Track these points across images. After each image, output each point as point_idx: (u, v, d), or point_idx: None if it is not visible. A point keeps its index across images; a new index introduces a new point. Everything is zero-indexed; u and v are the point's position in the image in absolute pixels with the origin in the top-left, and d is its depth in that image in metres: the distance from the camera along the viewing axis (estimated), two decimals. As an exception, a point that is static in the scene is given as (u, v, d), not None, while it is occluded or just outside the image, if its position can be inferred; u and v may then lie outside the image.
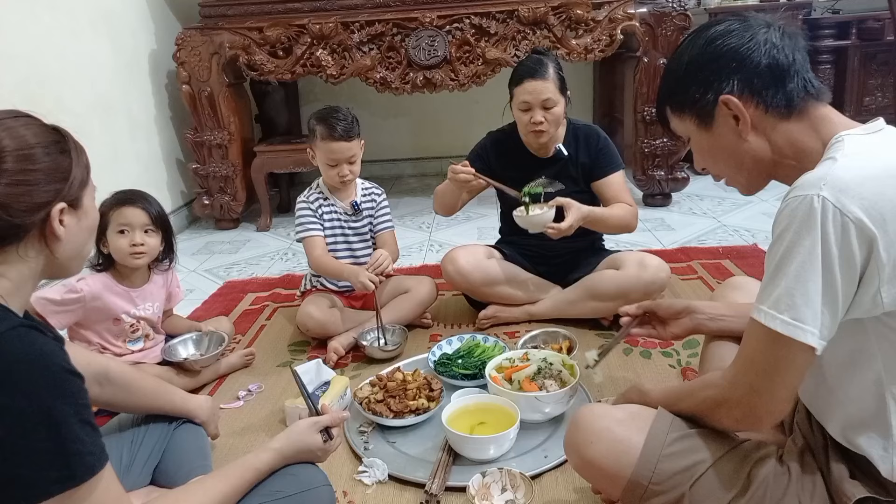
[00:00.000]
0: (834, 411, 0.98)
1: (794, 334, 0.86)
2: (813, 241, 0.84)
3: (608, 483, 1.09)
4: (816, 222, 0.84)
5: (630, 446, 1.04)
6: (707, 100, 1.00)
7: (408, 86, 3.45)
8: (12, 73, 2.49)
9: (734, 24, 1.00)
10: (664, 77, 1.09)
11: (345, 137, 2.08)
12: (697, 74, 1.01)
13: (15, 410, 0.75)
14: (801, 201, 0.86)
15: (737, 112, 0.98)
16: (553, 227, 1.95)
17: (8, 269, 0.86)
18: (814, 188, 0.85)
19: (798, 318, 0.86)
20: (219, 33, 3.42)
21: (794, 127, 0.97)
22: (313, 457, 1.16)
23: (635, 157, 3.54)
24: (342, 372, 1.99)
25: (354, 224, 2.25)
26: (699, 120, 1.03)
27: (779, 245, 0.88)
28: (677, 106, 1.06)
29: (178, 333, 2.03)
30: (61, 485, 0.78)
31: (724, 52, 0.98)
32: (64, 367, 0.80)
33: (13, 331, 0.79)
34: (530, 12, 3.29)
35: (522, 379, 1.67)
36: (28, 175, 0.84)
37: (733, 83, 0.98)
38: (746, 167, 1.03)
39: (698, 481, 1.01)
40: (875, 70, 3.82)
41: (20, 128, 0.86)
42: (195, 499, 0.97)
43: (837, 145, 0.91)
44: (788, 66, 0.96)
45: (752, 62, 0.97)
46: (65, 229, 0.89)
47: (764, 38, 0.97)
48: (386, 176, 4.63)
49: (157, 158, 3.65)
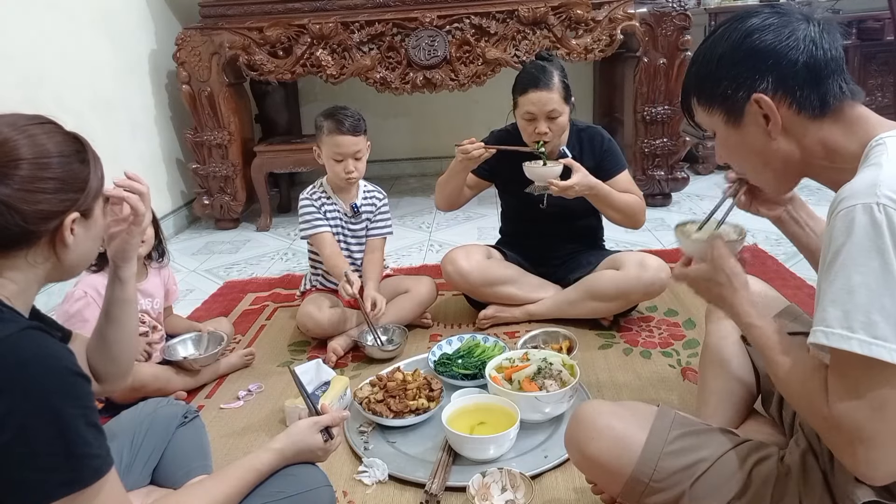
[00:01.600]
0: None
1: (878, 354, 0.78)
2: (881, 251, 0.78)
3: (609, 479, 1.08)
4: (883, 231, 0.78)
5: (631, 443, 1.04)
6: (738, 97, 0.95)
7: (408, 86, 3.45)
8: (12, 73, 2.49)
9: (772, 17, 0.94)
10: (693, 66, 1.03)
11: (352, 132, 2.10)
12: (731, 70, 0.95)
13: (23, 413, 0.75)
14: (859, 210, 0.80)
15: (768, 112, 0.94)
16: (557, 183, 1.95)
17: (15, 274, 0.87)
18: (869, 196, 0.79)
19: (877, 335, 0.78)
20: (219, 33, 3.42)
21: (828, 127, 0.93)
22: (314, 457, 1.16)
23: (635, 157, 3.54)
24: (342, 372, 1.99)
25: (353, 226, 2.25)
26: (727, 116, 0.98)
27: (842, 260, 0.81)
28: (705, 99, 1.01)
29: (178, 333, 2.03)
30: (67, 488, 0.77)
31: (762, 48, 0.93)
32: (71, 370, 0.80)
33: (22, 333, 0.79)
34: (530, 12, 3.29)
35: (522, 379, 1.67)
36: (44, 183, 0.85)
37: (767, 82, 0.93)
38: (773, 167, 0.99)
39: (699, 480, 1.00)
40: (875, 70, 3.82)
41: (42, 136, 0.87)
42: (197, 501, 0.97)
43: (879, 148, 0.87)
44: (826, 65, 0.91)
45: (789, 61, 0.91)
46: (74, 238, 0.90)
47: (803, 35, 0.91)
48: (386, 176, 4.62)
49: (157, 158, 3.65)
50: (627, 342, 2.08)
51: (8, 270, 0.87)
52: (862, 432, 0.81)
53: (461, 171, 2.13)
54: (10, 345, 0.77)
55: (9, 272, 0.87)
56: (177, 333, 2.03)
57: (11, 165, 0.84)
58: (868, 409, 0.80)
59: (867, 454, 0.81)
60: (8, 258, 0.86)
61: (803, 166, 0.97)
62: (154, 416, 1.34)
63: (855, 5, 3.94)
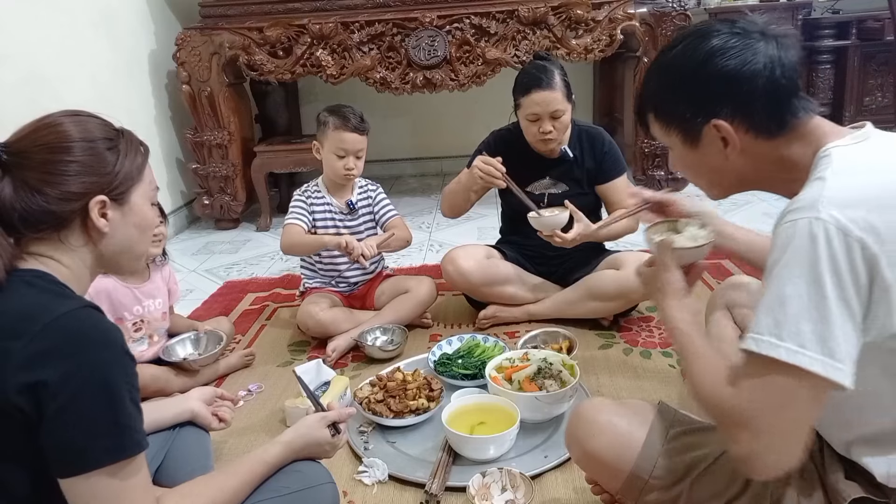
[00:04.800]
0: (839, 432, 0.96)
1: (800, 362, 0.80)
2: (813, 264, 0.80)
3: (608, 476, 1.09)
4: (818, 245, 0.80)
5: (631, 440, 1.04)
6: (697, 121, 0.95)
7: (408, 86, 3.45)
8: (12, 73, 2.49)
9: (733, 38, 0.92)
10: (651, 82, 1.02)
11: (358, 130, 2.13)
12: (690, 93, 0.95)
13: (80, 380, 0.80)
14: (799, 225, 0.82)
15: (727, 136, 0.94)
16: (560, 235, 1.96)
17: (63, 257, 0.91)
18: (811, 211, 0.81)
19: (803, 344, 0.80)
20: (219, 33, 3.42)
21: (785, 144, 0.94)
22: (321, 451, 1.17)
23: (635, 157, 3.54)
24: (342, 372, 1.99)
25: (350, 223, 2.26)
26: (685, 136, 0.98)
27: (777, 271, 0.83)
28: (663, 118, 1.01)
29: (178, 332, 2.03)
30: (113, 455, 0.81)
31: (723, 73, 0.91)
32: (124, 348, 0.85)
33: (83, 309, 0.85)
34: (530, 12, 3.29)
35: (522, 379, 1.67)
36: (65, 166, 0.90)
37: (727, 108, 0.93)
38: (727, 182, 1.01)
39: (698, 478, 1.01)
40: (875, 70, 3.82)
41: (69, 123, 0.93)
42: (208, 494, 0.97)
43: (825, 160, 0.88)
44: (785, 87, 0.92)
45: (749, 87, 0.91)
46: (108, 223, 0.93)
47: (764, 57, 0.91)
48: (386, 176, 4.62)
49: (157, 158, 3.64)
50: (627, 342, 2.08)
51: (54, 252, 0.91)
52: (752, 422, 0.83)
53: (479, 190, 2.11)
54: (72, 317, 0.83)
55: (56, 254, 0.91)
56: (178, 332, 2.03)
57: (36, 150, 0.89)
58: (770, 406, 0.82)
59: (753, 444, 0.84)
60: (41, 239, 0.91)
61: (758, 181, 0.99)
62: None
63: (855, 5, 3.94)
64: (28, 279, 0.87)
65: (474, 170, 2.01)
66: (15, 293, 0.85)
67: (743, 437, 0.84)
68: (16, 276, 0.86)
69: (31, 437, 0.80)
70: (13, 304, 0.84)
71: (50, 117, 0.93)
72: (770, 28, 0.94)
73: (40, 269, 0.89)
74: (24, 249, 0.90)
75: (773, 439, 0.83)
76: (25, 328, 0.80)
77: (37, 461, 0.82)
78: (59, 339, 0.80)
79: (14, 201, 0.87)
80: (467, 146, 2.33)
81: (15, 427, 0.80)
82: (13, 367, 0.79)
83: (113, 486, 0.82)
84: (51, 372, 0.78)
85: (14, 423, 0.80)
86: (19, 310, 0.83)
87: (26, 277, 0.87)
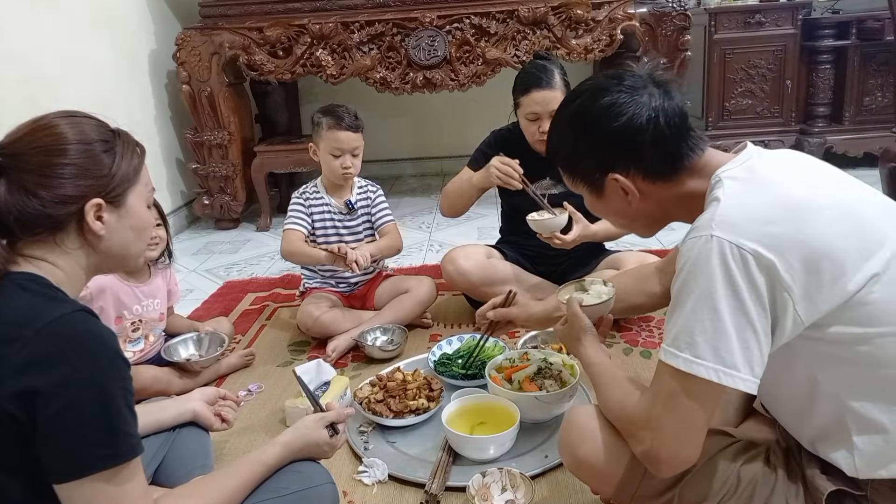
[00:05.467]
0: (801, 427, 1.01)
1: (696, 371, 0.88)
2: (708, 277, 0.87)
3: (601, 482, 1.10)
4: (711, 259, 0.87)
5: (622, 445, 1.05)
6: (596, 176, 1.05)
7: (408, 86, 3.45)
8: (12, 73, 2.49)
9: (622, 94, 1.00)
10: (553, 136, 1.11)
11: (352, 128, 2.13)
12: (587, 152, 1.05)
13: (73, 384, 0.79)
14: (697, 242, 0.89)
15: (625, 187, 1.02)
16: (559, 237, 1.97)
17: (58, 259, 0.90)
18: (707, 230, 0.89)
19: (698, 354, 0.88)
20: (219, 33, 3.42)
21: (683, 182, 1.02)
22: (320, 451, 1.17)
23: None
24: (342, 372, 1.99)
25: (349, 223, 2.26)
26: (590, 188, 1.08)
27: (678, 287, 0.91)
28: (568, 172, 1.11)
29: (178, 333, 2.03)
30: (106, 461, 0.81)
31: (613, 131, 1.00)
32: (118, 352, 0.85)
33: (77, 313, 0.84)
34: (530, 12, 3.29)
35: (522, 379, 1.67)
36: (61, 169, 0.89)
37: (621, 162, 1.01)
38: (640, 223, 1.12)
39: (688, 481, 1.02)
40: (875, 70, 3.81)
41: (65, 126, 0.92)
42: (206, 495, 0.97)
43: (718, 185, 0.95)
44: (672, 133, 0.99)
45: (638, 140, 0.99)
46: (104, 226, 0.92)
47: (647, 108, 0.98)
48: (386, 176, 4.62)
49: (157, 158, 3.65)
50: (627, 342, 2.08)
51: (48, 254, 0.90)
52: (652, 422, 0.93)
53: (487, 187, 2.12)
54: (65, 322, 0.82)
55: (50, 256, 0.90)
56: (177, 333, 2.03)
57: (31, 153, 0.89)
58: (670, 408, 0.92)
59: (654, 441, 0.93)
60: (36, 242, 0.90)
61: (668, 216, 1.08)
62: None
63: (855, 5, 3.93)
64: (21, 283, 0.86)
65: (491, 169, 2.02)
66: (8, 297, 0.84)
67: (645, 436, 0.94)
68: (9, 280, 0.86)
69: (25, 444, 0.80)
70: (6, 308, 0.83)
71: (45, 118, 0.93)
72: (657, 75, 1.03)
73: (34, 273, 0.88)
74: (19, 252, 0.89)
75: (672, 437, 0.92)
76: (18, 333, 0.80)
77: (32, 467, 0.81)
78: (52, 345, 0.80)
79: (9, 204, 0.86)
80: (467, 146, 2.33)
81: (9, 434, 0.79)
82: (6, 373, 0.78)
83: (109, 491, 0.82)
84: (44, 378, 0.78)
85: (7, 431, 0.79)
86: (12, 314, 0.82)
87: (19, 281, 0.86)
